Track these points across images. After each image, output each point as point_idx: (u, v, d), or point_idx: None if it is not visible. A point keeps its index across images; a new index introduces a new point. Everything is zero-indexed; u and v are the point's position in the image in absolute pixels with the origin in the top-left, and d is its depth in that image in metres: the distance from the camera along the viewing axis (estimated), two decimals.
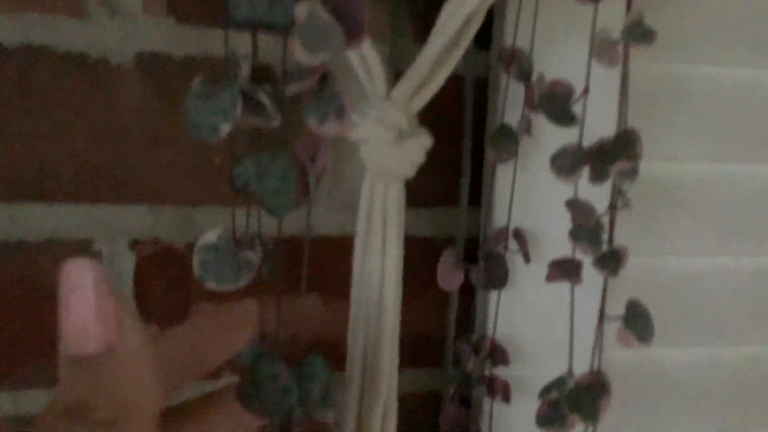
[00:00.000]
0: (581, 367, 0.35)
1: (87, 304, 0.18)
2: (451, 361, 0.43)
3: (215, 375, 0.33)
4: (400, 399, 0.40)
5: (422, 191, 0.44)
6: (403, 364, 0.45)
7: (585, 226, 0.31)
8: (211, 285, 0.34)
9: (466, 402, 0.41)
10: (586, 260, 0.33)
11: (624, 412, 0.48)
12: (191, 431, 0.23)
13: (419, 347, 0.45)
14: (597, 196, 0.36)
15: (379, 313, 0.37)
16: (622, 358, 0.48)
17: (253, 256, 0.35)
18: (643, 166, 0.46)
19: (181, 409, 0.23)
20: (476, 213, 0.44)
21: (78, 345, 0.18)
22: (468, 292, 0.44)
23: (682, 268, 0.47)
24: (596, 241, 0.32)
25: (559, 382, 0.33)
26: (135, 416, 0.18)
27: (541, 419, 0.33)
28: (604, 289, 0.32)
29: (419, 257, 0.43)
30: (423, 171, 0.44)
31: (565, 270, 0.33)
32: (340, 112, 0.25)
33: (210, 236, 0.34)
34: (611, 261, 0.32)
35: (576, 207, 0.32)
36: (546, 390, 0.33)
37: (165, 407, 0.22)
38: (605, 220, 0.33)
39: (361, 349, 0.38)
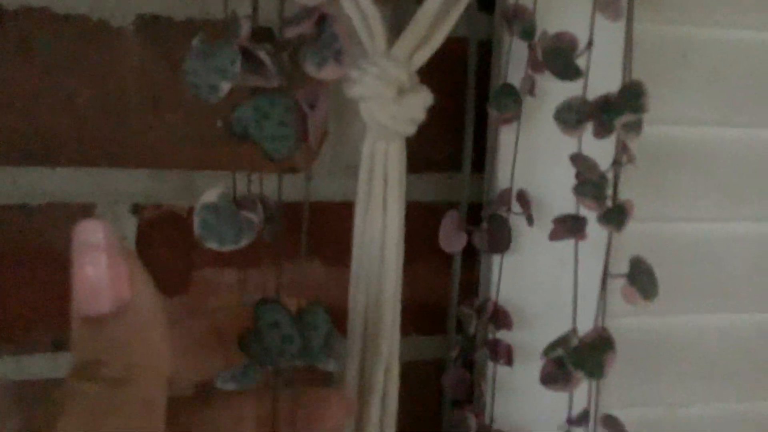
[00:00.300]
0: (586, 328, 0.35)
1: (99, 263, 0.18)
2: (455, 327, 0.43)
3: None
4: (404, 366, 0.39)
5: (425, 156, 0.44)
6: (407, 331, 0.45)
7: (589, 180, 0.31)
8: (212, 245, 0.34)
9: (470, 366, 0.41)
10: (591, 217, 0.33)
11: (630, 380, 0.48)
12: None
13: (423, 314, 0.45)
14: (601, 156, 0.36)
15: (379, 276, 0.37)
16: (628, 326, 0.47)
17: (254, 216, 0.35)
18: (649, 129, 0.45)
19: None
20: (480, 179, 0.44)
21: (89, 304, 0.18)
22: (472, 258, 0.44)
23: (689, 234, 0.47)
24: (600, 197, 0.31)
25: (563, 340, 0.32)
26: (146, 376, 0.18)
27: (546, 377, 0.32)
28: (608, 246, 0.32)
29: (422, 223, 0.43)
30: (426, 136, 0.44)
31: (569, 227, 0.33)
32: (339, 56, 0.25)
33: (210, 195, 0.34)
34: (616, 216, 0.31)
35: (580, 161, 0.32)
36: (550, 348, 0.32)
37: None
38: (610, 176, 0.32)
39: (362, 314, 0.38)
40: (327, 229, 0.43)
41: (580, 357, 0.31)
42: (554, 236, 0.34)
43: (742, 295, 0.48)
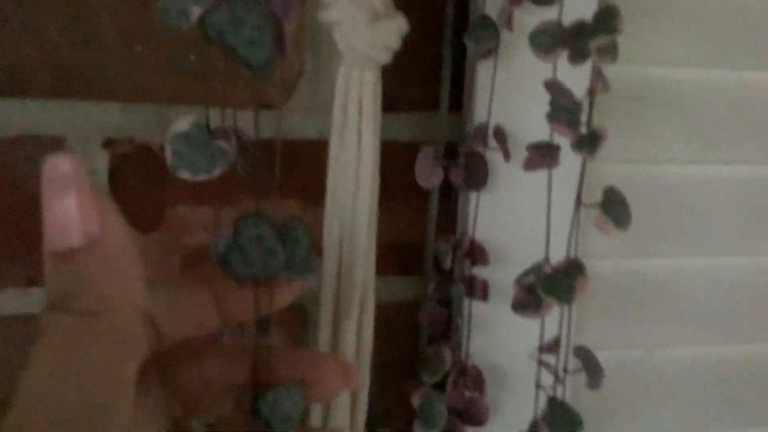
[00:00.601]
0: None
1: (68, 197, 0.18)
2: (432, 266, 0.43)
3: None
4: (381, 307, 0.39)
5: (403, 95, 0.44)
6: (384, 272, 0.45)
7: (563, 106, 0.31)
8: (184, 175, 0.33)
9: (447, 303, 0.41)
10: (565, 145, 0.33)
11: (607, 322, 0.48)
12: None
13: (401, 255, 0.45)
14: (577, 88, 0.36)
15: (354, 205, 0.37)
16: (606, 268, 0.48)
17: (227, 145, 0.34)
18: (629, 70, 0.45)
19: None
20: (458, 119, 0.43)
21: (60, 239, 0.18)
22: (449, 199, 0.44)
23: (667, 176, 0.47)
24: (574, 123, 0.31)
25: (535, 268, 0.32)
26: (119, 309, 0.18)
27: (517, 304, 0.32)
28: (582, 174, 0.32)
29: (400, 163, 0.43)
30: (404, 75, 0.44)
31: (543, 154, 0.32)
32: None
33: (182, 124, 0.33)
34: (589, 142, 0.31)
35: (554, 87, 0.31)
36: (522, 275, 0.32)
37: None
38: (585, 104, 0.32)
39: (336, 253, 0.37)
40: (303, 168, 0.43)
41: (550, 283, 0.31)
42: (529, 165, 0.34)
43: (718, 239, 0.49)
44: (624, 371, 0.49)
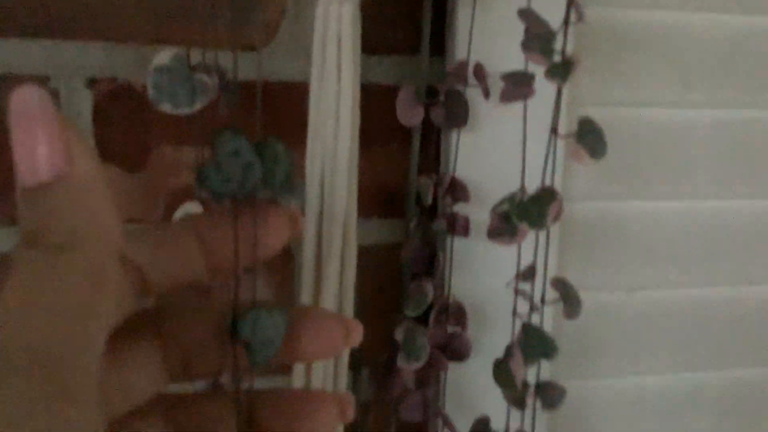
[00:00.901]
0: None
1: (35, 131, 0.17)
2: (414, 204, 0.43)
3: None
4: (364, 249, 0.40)
5: (384, 39, 0.44)
6: (367, 215, 0.46)
7: (537, 35, 0.31)
8: (165, 108, 0.34)
9: (429, 240, 0.42)
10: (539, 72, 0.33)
11: (589, 264, 0.49)
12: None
13: (383, 198, 0.46)
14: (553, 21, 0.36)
15: (334, 150, 0.37)
16: (587, 210, 0.48)
17: (208, 79, 0.35)
18: (612, 12, 0.45)
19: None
20: (440, 63, 0.44)
21: (29, 173, 0.17)
22: (430, 144, 0.44)
23: (649, 119, 0.47)
24: (547, 51, 0.31)
25: (510, 197, 0.33)
26: (90, 243, 0.18)
27: (492, 231, 0.33)
28: (557, 103, 0.32)
29: (382, 106, 0.43)
30: (385, 18, 0.44)
31: (517, 83, 0.33)
32: None
33: (163, 57, 0.33)
34: (562, 69, 0.32)
35: (529, 16, 0.32)
36: (498, 204, 0.33)
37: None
38: (560, 34, 0.32)
39: (318, 193, 0.38)
40: (285, 110, 0.43)
41: (524, 210, 0.32)
42: (505, 97, 0.34)
43: (699, 182, 0.49)
44: (605, 313, 0.50)
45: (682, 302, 0.51)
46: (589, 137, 0.34)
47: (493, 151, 0.42)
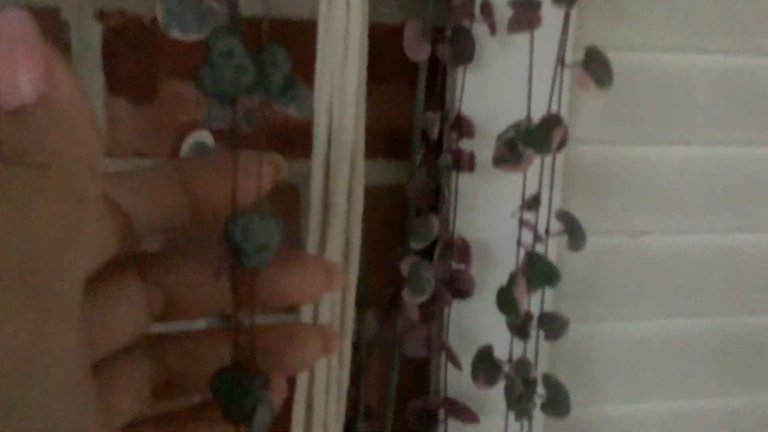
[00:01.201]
0: None
1: (17, 52, 0.17)
2: (420, 140, 0.43)
3: None
4: (370, 190, 0.40)
5: None
6: (373, 156, 0.46)
7: None
8: (175, 34, 0.34)
9: (434, 177, 0.42)
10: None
11: (593, 208, 0.49)
12: None
13: (390, 139, 0.46)
14: None
15: (342, 87, 0.37)
16: (591, 154, 0.48)
17: (217, 6, 0.35)
18: None
19: None
20: (445, 2, 0.44)
21: (9, 95, 0.17)
22: (436, 85, 0.44)
23: (653, 64, 0.47)
24: None
25: (516, 125, 0.33)
26: (70, 164, 0.18)
27: (498, 159, 0.33)
28: (564, 29, 0.33)
29: (388, 46, 0.43)
30: None
31: (524, 10, 0.33)
32: None
33: None
34: None
35: None
36: (503, 132, 0.33)
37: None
38: None
39: (325, 131, 0.38)
40: (292, 48, 0.43)
41: (529, 136, 0.32)
42: (512, 26, 0.35)
43: (703, 128, 0.49)
44: (606, 257, 0.50)
45: (683, 248, 0.51)
46: (595, 66, 0.34)
47: (499, 88, 0.42)
